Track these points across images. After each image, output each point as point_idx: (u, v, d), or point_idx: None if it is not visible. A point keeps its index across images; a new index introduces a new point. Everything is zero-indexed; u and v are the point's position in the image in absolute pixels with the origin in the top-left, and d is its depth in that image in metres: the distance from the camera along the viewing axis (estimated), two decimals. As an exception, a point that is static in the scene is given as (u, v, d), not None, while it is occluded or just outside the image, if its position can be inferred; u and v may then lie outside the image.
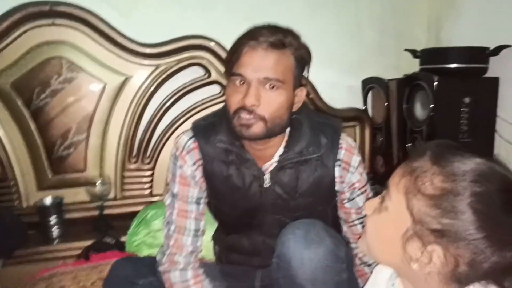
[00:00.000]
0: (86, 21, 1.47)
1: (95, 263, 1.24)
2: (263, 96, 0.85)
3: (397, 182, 0.59)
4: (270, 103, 0.85)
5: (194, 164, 0.97)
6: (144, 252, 1.28)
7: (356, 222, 1.01)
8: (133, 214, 1.45)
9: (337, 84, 1.78)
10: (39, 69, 1.49)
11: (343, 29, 1.78)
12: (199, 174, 0.98)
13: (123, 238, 1.40)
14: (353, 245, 1.02)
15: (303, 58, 0.90)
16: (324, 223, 0.88)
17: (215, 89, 1.64)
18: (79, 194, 1.55)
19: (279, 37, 0.85)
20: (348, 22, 1.78)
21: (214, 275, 1.02)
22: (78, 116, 1.55)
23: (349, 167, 0.98)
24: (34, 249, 1.38)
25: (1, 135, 1.49)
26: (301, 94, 0.93)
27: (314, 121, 0.98)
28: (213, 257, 1.15)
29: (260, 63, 0.84)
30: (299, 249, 0.81)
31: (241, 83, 0.86)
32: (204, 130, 0.98)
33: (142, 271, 0.99)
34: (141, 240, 1.29)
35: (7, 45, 1.44)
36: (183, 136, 1.00)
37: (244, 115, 0.85)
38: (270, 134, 0.88)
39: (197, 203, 0.99)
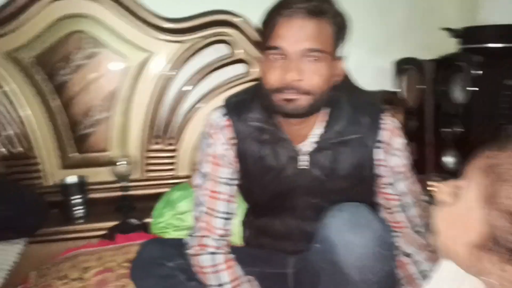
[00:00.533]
0: (109, -7, 1.42)
1: (120, 244, 1.21)
2: (305, 69, 0.79)
3: (475, 177, 0.47)
4: (313, 76, 0.79)
5: (226, 142, 0.92)
6: (171, 234, 1.24)
7: (397, 209, 0.93)
8: (156, 196, 1.41)
9: (365, 64, 1.70)
10: (61, 44, 1.45)
11: (371, 6, 1.69)
12: (231, 153, 0.93)
13: (146, 220, 1.37)
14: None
15: (340, 26, 0.82)
16: (369, 206, 0.82)
17: (240, 68, 1.57)
18: (101, 174, 1.53)
19: (315, 4, 0.78)
20: (376, -1, 1.69)
21: (243, 260, 0.97)
22: (100, 93, 1.51)
23: (391, 149, 0.91)
24: (57, 228, 1.36)
25: (26, 111, 1.46)
26: (340, 66, 0.86)
27: (354, 99, 0.92)
28: (241, 242, 1.10)
29: (299, 33, 0.78)
30: (344, 232, 0.75)
31: (279, 57, 0.80)
32: (236, 107, 0.92)
33: (170, 253, 0.95)
34: (167, 222, 1.26)
35: (28, 19, 1.40)
36: (215, 113, 0.95)
37: (287, 93, 0.79)
38: (314, 109, 0.83)
39: (229, 184, 0.94)
